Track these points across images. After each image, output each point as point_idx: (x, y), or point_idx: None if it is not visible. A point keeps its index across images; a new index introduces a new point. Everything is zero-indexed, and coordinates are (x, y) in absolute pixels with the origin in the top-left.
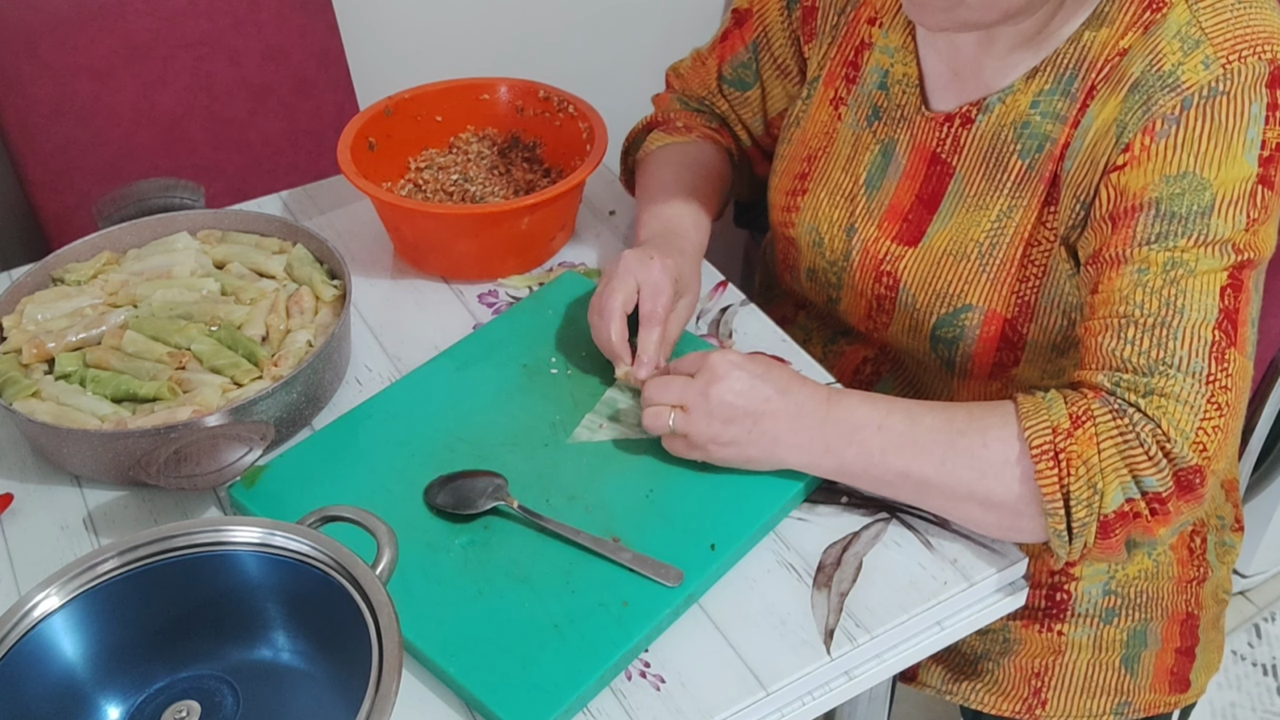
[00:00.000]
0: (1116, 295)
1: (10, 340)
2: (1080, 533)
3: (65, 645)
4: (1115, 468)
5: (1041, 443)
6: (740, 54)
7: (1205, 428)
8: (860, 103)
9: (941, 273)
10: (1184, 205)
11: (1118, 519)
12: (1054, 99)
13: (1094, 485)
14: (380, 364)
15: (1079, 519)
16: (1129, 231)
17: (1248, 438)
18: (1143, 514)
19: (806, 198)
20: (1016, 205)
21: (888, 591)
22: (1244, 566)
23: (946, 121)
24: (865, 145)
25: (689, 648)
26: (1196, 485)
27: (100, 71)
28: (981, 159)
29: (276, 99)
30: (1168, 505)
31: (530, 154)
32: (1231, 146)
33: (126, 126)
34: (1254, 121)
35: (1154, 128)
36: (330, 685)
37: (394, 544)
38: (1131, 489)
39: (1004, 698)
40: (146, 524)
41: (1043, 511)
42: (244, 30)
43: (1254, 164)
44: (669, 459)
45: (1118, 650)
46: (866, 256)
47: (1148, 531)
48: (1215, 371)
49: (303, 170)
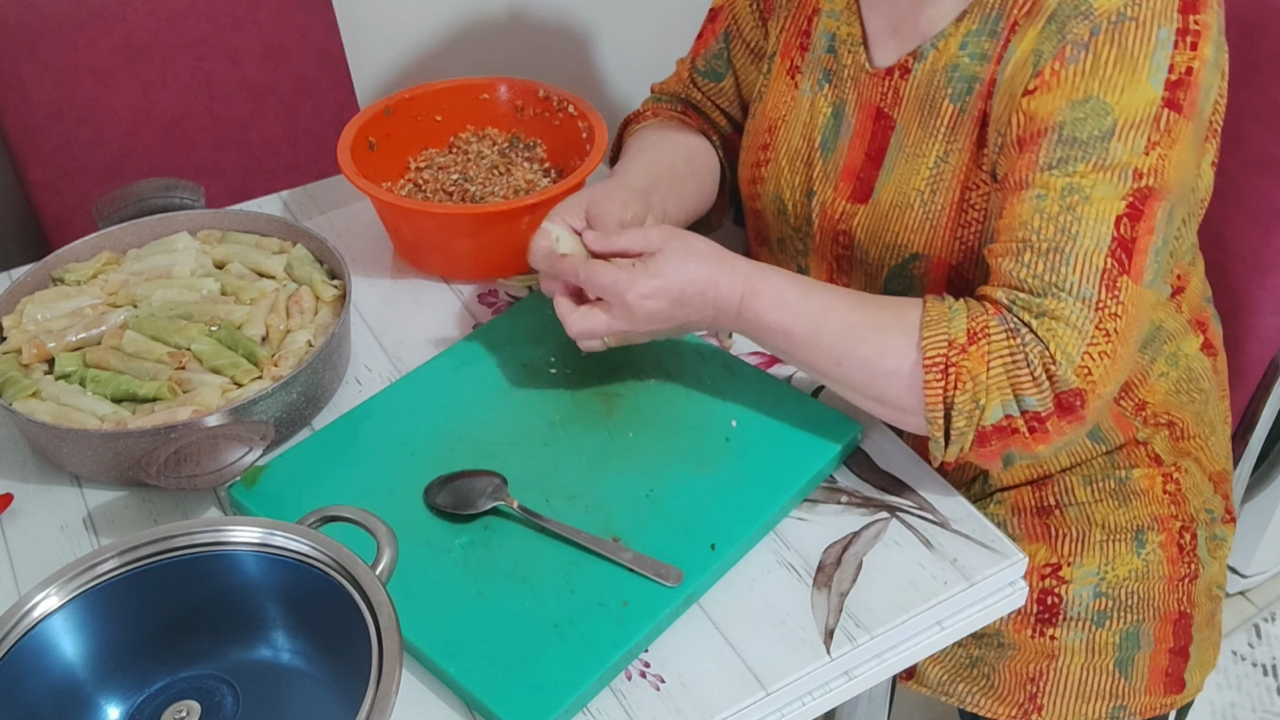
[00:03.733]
0: (1016, 220)
1: (10, 340)
2: (957, 439)
3: (65, 645)
4: (1000, 385)
5: (935, 355)
6: (712, 46)
7: (1091, 353)
8: (812, 68)
9: (889, 225)
10: (1085, 130)
11: (995, 432)
12: (981, 39)
13: (977, 400)
14: (380, 364)
15: (958, 428)
16: (1033, 156)
17: (1247, 437)
18: (1020, 431)
19: (769, 167)
20: (952, 149)
21: (888, 591)
22: (1244, 566)
23: (887, 75)
24: (819, 109)
25: (689, 648)
26: (1077, 408)
27: (100, 71)
28: (918, 107)
29: (276, 99)
30: (1046, 425)
31: (530, 154)
32: (1137, 71)
33: (126, 126)
34: (1161, 46)
35: (1064, 54)
36: (330, 685)
37: (394, 544)
38: (1012, 406)
39: (1000, 702)
40: (146, 524)
41: (926, 418)
42: (244, 30)
43: (1159, 88)
44: (669, 459)
45: (1111, 653)
46: (825, 218)
47: (1026, 448)
48: (1105, 298)
49: (303, 170)
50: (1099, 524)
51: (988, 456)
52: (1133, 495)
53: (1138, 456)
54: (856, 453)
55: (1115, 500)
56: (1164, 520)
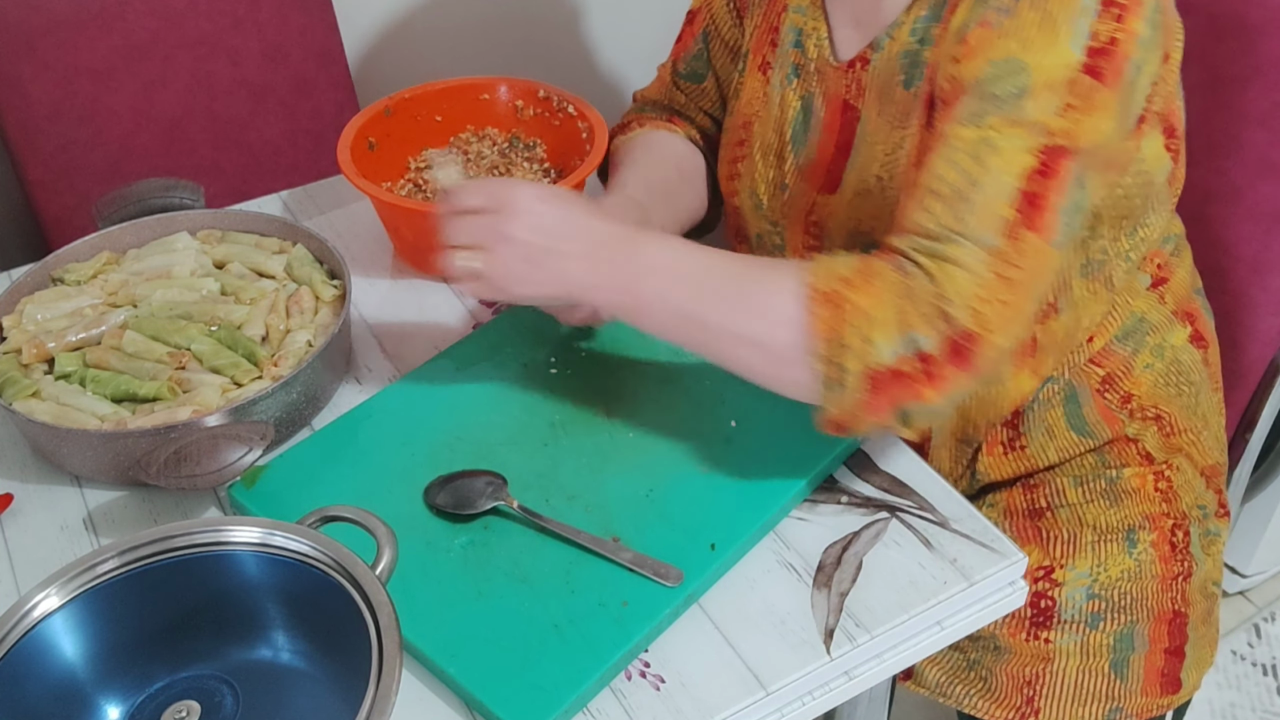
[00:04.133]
0: (928, 171)
1: (10, 340)
2: (848, 383)
3: (65, 645)
4: (890, 320)
5: (824, 288)
6: (691, 48)
7: (987, 298)
8: (782, 63)
9: (854, 213)
10: (1001, 86)
11: (889, 375)
12: (928, 24)
13: (867, 336)
14: (380, 364)
15: (849, 369)
16: (950, 113)
17: (1247, 437)
18: (914, 373)
19: (745, 163)
20: (906, 135)
21: (887, 591)
22: (1244, 566)
23: (850, 68)
24: (789, 104)
25: (689, 648)
26: (970, 353)
27: (100, 71)
28: (877, 96)
29: (276, 99)
30: (939, 368)
31: (530, 154)
32: (1057, 34)
33: (126, 126)
34: (1084, 13)
35: (988, 19)
36: (330, 685)
37: (394, 544)
38: (903, 345)
39: (998, 704)
40: (146, 524)
41: (813, 356)
42: (244, 30)
43: (1079, 53)
44: (669, 459)
45: (1106, 655)
46: (797, 211)
47: (918, 396)
48: (1005, 247)
49: (303, 170)
50: (1090, 525)
51: (880, 408)
52: (1124, 495)
53: (1129, 455)
54: (856, 453)
55: (1106, 500)
56: (1155, 519)
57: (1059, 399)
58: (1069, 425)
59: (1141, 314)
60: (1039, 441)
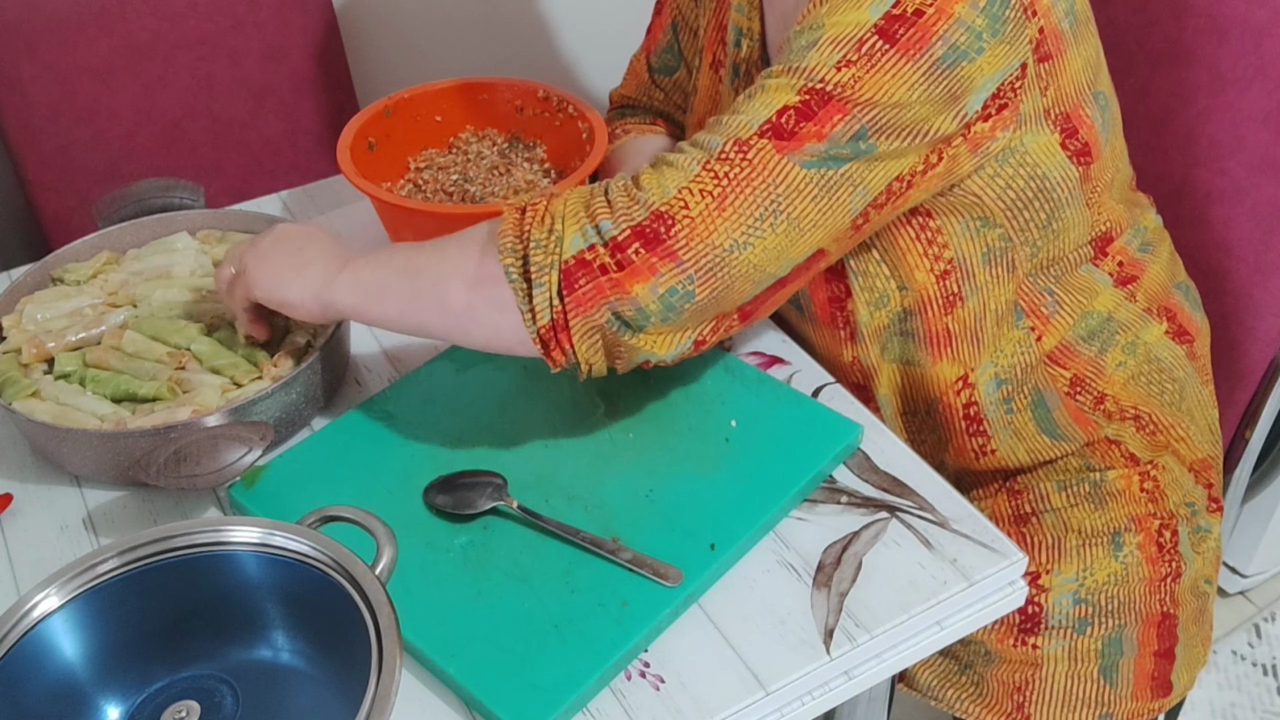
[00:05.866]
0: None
1: (10, 340)
2: (543, 280)
3: (65, 645)
4: (576, 214)
5: (520, 204)
6: (661, 39)
7: (690, 188)
8: (729, 62)
9: None
10: (797, 43)
11: (579, 265)
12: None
13: (553, 230)
14: (380, 364)
15: (536, 263)
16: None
17: (1247, 437)
18: (603, 263)
19: None
20: None
21: (887, 591)
22: (1244, 566)
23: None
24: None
25: (689, 648)
26: (662, 236)
27: (100, 72)
28: None
29: (276, 99)
30: (630, 254)
31: (530, 154)
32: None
33: (126, 126)
34: None
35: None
36: (330, 685)
37: (394, 544)
38: (590, 234)
39: (989, 710)
40: (146, 524)
41: (505, 256)
42: (244, 30)
43: (875, 15)
44: (669, 459)
45: (1094, 661)
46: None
47: (621, 290)
48: (729, 151)
49: (303, 170)
50: (1075, 529)
51: (586, 306)
52: (1109, 497)
53: (1112, 457)
54: (856, 453)
55: (1091, 504)
56: (1141, 520)
57: (1025, 404)
58: (1039, 429)
59: (1108, 313)
60: (1007, 444)
